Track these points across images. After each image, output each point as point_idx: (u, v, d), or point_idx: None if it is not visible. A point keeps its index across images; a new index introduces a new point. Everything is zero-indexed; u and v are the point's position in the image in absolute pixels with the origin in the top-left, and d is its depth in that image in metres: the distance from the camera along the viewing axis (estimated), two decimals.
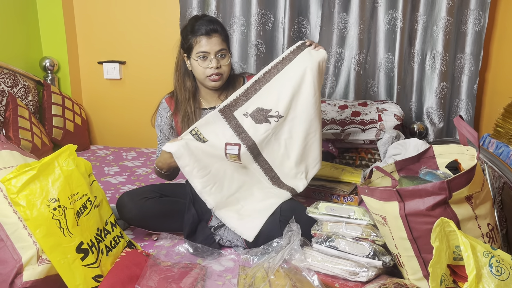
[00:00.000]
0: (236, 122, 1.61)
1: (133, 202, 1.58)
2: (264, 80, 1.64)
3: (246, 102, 1.62)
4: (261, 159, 1.66)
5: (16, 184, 1.16)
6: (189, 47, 1.62)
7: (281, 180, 1.68)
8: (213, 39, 1.59)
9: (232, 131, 1.61)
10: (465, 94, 2.56)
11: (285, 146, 1.66)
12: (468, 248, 0.96)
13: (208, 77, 1.61)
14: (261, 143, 1.63)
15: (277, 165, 1.67)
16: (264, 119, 1.61)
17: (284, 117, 1.62)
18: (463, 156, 1.31)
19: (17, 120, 2.34)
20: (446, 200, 1.12)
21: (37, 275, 1.19)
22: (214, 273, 1.43)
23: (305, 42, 1.66)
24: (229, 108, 1.61)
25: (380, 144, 2.29)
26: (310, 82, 1.61)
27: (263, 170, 1.66)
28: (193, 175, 1.55)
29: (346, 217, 1.37)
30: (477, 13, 2.44)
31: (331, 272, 1.28)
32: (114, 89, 2.97)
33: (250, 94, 1.63)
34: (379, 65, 2.59)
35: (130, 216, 1.59)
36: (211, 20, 1.62)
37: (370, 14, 2.53)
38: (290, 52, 1.66)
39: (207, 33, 1.59)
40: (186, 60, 1.67)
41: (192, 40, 1.60)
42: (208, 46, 1.59)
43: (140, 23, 2.83)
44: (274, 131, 1.63)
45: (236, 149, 1.57)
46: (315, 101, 1.63)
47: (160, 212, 1.60)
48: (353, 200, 1.92)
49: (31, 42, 2.78)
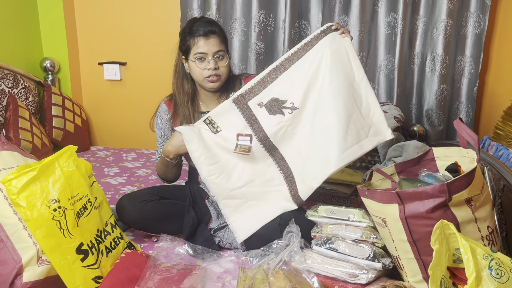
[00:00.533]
0: (250, 112, 1.56)
1: (132, 205, 1.58)
2: (283, 68, 1.55)
3: (261, 91, 1.55)
4: (277, 154, 1.59)
5: (17, 185, 1.16)
6: (187, 48, 1.61)
7: (295, 179, 1.59)
8: (211, 40, 1.58)
9: (245, 121, 1.55)
10: (465, 97, 2.57)
11: (302, 143, 1.55)
12: (468, 251, 0.96)
13: (206, 78, 1.60)
14: (275, 135, 1.55)
15: (293, 162, 1.58)
16: (278, 110, 1.54)
17: (300, 109, 1.52)
18: (463, 158, 1.31)
19: (17, 120, 2.34)
20: (446, 202, 1.12)
21: (37, 276, 1.19)
22: (213, 275, 1.43)
23: (332, 26, 1.54)
24: (243, 97, 1.56)
25: (380, 146, 2.29)
26: (327, 70, 1.49)
27: (278, 166, 1.59)
28: (200, 162, 1.53)
29: (346, 219, 1.37)
30: (477, 16, 2.44)
31: (331, 274, 1.28)
32: (115, 90, 2.97)
33: (266, 83, 1.55)
34: (379, 67, 2.59)
35: (130, 219, 1.59)
36: (209, 22, 1.62)
37: (371, 16, 2.54)
38: (314, 37, 1.54)
39: (205, 34, 1.58)
40: (185, 63, 1.66)
41: (190, 41, 1.59)
42: (206, 47, 1.58)
43: (141, 24, 2.84)
44: (289, 123, 1.54)
45: (248, 140, 1.52)
46: (331, 90, 1.48)
47: (160, 215, 1.59)
48: (352, 202, 1.92)
49: (31, 43, 2.78)
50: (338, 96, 1.49)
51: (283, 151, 1.58)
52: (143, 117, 2.94)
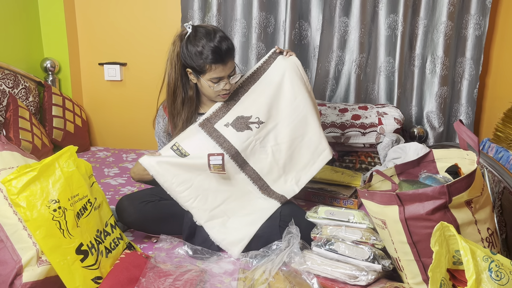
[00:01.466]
0: (218, 133, 1.63)
1: (132, 206, 1.57)
2: (243, 90, 1.69)
3: (226, 113, 1.65)
4: (247, 168, 1.65)
5: (17, 185, 1.16)
6: (200, 70, 1.56)
7: (271, 188, 1.67)
8: (228, 64, 1.57)
9: (214, 142, 1.62)
10: (465, 99, 2.57)
11: (273, 154, 1.66)
12: (467, 253, 0.96)
13: (220, 95, 1.64)
14: (245, 150, 1.63)
15: (266, 173, 1.66)
16: (245, 126, 1.63)
17: (265, 123, 1.65)
18: (463, 160, 1.31)
19: (17, 121, 2.34)
20: (446, 204, 1.12)
21: (37, 276, 1.19)
22: (213, 276, 1.43)
23: (276, 50, 1.73)
24: (209, 121, 1.64)
25: (380, 147, 2.29)
26: (288, 88, 1.67)
27: (251, 179, 1.65)
28: (173, 189, 1.56)
29: (346, 221, 1.37)
30: (477, 18, 2.45)
31: (331, 276, 1.28)
32: (115, 90, 2.97)
33: (229, 106, 1.67)
34: (379, 69, 2.60)
35: (130, 220, 1.59)
36: (223, 42, 1.54)
37: (371, 18, 2.54)
38: (264, 62, 1.72)
39: (222, 60, 1.54)
40: (192, 77, 1.63)
41: (205, 65, 1.54)
42: (223, 72, 1.57)
43: (141, 25, 2.84)
44: (257, 138, 1.64)
45: (220, 159, 1.54)
46: (296, 106, 1.66)
47: (160, 216, 1.59)
48: (352, 204, 1.92)
49: (32, 43, 2.78)
50: (306, 107, 1.68)
51: (253, 164, 1.66)
52: (144, 117, 2.96)
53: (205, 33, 1.56)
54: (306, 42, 2.64)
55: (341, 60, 2.61)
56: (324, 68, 2.60)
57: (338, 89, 2.65)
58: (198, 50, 1.54)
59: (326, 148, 1.71)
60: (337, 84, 2.65)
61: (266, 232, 1.53)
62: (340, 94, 2.65)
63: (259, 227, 1.56)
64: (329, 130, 2.34)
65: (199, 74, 1.58)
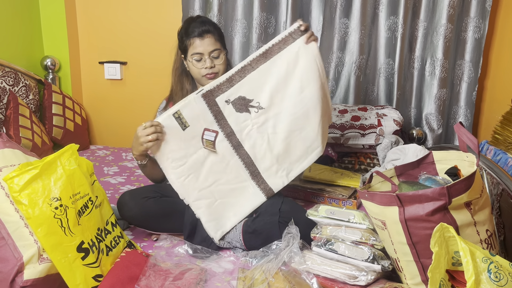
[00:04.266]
0: (218, 108, 1.59)
1: (134, 201, 1.58)
2: (250, 67, 1.60)
3: (229, 89, 1.60)
4: (242, 152, 1.64)
5: (19, 183, 1.17)
6: (185, 48, 1.67)
7: (262, 175, 1.66)
8: (206, 40, 1.64)
9: (213, 117, 1.59)
10: (464, 101, 2.58)
11: (268, 141, 1.64)
12: (467, 254, 0.97)
13: (204, 76, 1.66)
14: (240, 132, 1.62)
15: (259, 159, 1.65)
16: (245, 108, 1.61)
17: (266, 109, 1.61)
18: (463, 162, 1.32)
19: (17, 118, 2.34)
20: (446, 206, 1.13)
21: (38, 274, 1.19)
22: (213, 275, 1.44)
23: (300, 27, 1.58)
24: (211, 93, 1.58)
25: (379, 149, 2.30)
26: (298, 78, 1.59)
27: (244, 163, 1.64)
28: (168, 165, 1.56)
29: (346, 220, 1.37)
30: (477, 21, 2.46)
31: (330, 276, 1.29)
32: (115, 89, 2.98)
33: (234, 81, 1.59)
34: (379, 71, 2.61)
35: (130, 215, 1.60)
36: (203, 21, 1.67)
37: (371, 20, 2.55)
38: (281, 40, 1.60)
39: (200, 34, 1.63)
40: (184, 61, 1.71)
41: (187, 42, 1.65)
42: (201, 47, 1.63)
43: (142, 24, 2.84)
44: (255, 122, 1.62)
45: (213, 136, 1.55)
46: (301, 98, 1.60)
47: (161, 212, 1.60)
48: (351, 204, 1.93)
49: (33, 41, 2.78)
50: (312, 101, 1.61)
51: (248, 149, 1.64)
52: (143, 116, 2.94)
53: (191, 16, 1.74)
54: None
55: (341, 62, 2.62)
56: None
57: (337, 90, 2.66)
58: (183, 30, 1.67)
59: (320, 145, 1.70)
60: (337, 85, 2.66)
61: (266, 229, 1.54)
62: (339, 95, 2.66)
63: (241, 219, 1.60)
64: (329, 131, 2.34)
65: (185, 54, 1.68)
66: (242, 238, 1.57)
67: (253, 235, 1.56)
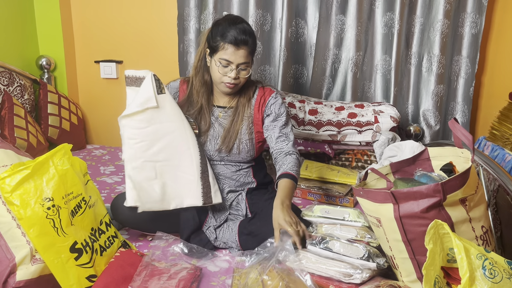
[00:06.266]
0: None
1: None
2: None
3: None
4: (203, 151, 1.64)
5: (10, 183, 1.16)
6: (215, 48, 1.56)
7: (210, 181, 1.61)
8: (240, 51, 1.53)
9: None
10: (462, 97, 2.57)
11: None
12: (461, 251, 0.96)
13: (223, 83, 1.58)
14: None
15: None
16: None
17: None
18: (458, 158, 1.31)
19: (12, 118, 2.33)
20: (441, 202, 1.12)
21: (31, 275, 1.19)
22: (208, 274, 1.43)
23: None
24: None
25: (376, 146, 2.29)
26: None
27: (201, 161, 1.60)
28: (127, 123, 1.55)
29: (341, 219, 1.37)
30: (473, 16, 2.44)
31: (325, 274, 1.28)
32: (111, 88, 2.96)
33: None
34: (376, 67, 2.59)
35: (123, 218, 1.59)
36: (244, 30, 1.54)
37: (368, 16, 2.53)
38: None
39: (236, 43, 1.52)
40: (207, 56, 1.62)
41: (219, 43, 1.54)
42: (233, 57, 1.53)
43: (138, 22, 2.83)
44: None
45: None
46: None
47: (155, 214, 1.57)
48: (348, 202, 1.92)
49: (27, 40, 2.77)
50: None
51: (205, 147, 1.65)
52: None
53: (233, 17, 1.61)
54: (302, 40, 2.64)
55: (337, 58, 2.61)
56: (320, 66, 2.59)
57: (334, 87, 2.65)
58: (220, 28, 1.55)
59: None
60: (334, 82, 2.65)
61: (263, 232, 1.53)
62: (336, 92, 2.65)
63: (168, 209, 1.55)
64: (325, 128, 2.34)
65: (213, 53, 1.57)
66: (238, 240, 1.56)
67: (249, 237, 1.55)
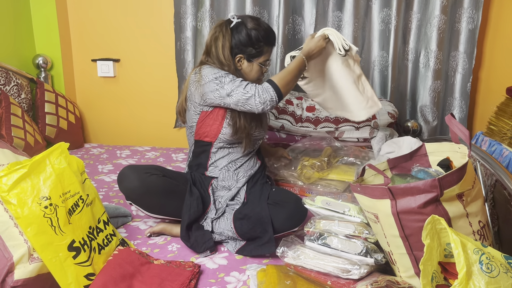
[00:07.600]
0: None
1: (136, 174, 1.54)
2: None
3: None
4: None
5: (7, 182, 1.16)
6: (258, 53, 1.70)
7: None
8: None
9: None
10: (459, 92, 2.57)
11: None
12: (458, 246, 0.96)
13: (260, 79, 1.77)
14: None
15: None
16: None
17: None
18: (455, 154, 1.32)
19: (9, 118, 2.32)
20: (438, 197, 1.12)
21: (29, 274, 1.19)
22: (207, 271, 1.43)
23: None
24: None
25: (374, 142, 2.29)
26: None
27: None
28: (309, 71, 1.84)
29: (341, 212, 1.37)
30: (470, 12, 2.44)
31: (323, 270, 1.28)
32: (108, 87, 2.96)
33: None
34: (373, 63, 2.59)
35: (131, 187, 1.54)
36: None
37: (364, 12, 2.53)
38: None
39: (274, 43, 1.77)
40: (242, 61, 1.70)
41: (265, 48, 1.71)
42: (270, 55, 1.78)
43: (134, 20, 2.82)
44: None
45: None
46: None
47: (162, 190, 1.56)
48: (346, 198, 1.92)
49: (24, 39, 2.76)
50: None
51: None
52: (137, 114, 2.95)
53: (258, 19, 1.74)
54: (299, 37, 2.63)
55: None
56: None
57: None
58: (263, 37, 1.69)
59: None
60: None
61: (256, 212, 1.55)
62: None
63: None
64: (323, 125, 2.34)
65: (254, 57, 1.70)
66: (233, 226, 1.57)
67: (243, 221, 1.56)
